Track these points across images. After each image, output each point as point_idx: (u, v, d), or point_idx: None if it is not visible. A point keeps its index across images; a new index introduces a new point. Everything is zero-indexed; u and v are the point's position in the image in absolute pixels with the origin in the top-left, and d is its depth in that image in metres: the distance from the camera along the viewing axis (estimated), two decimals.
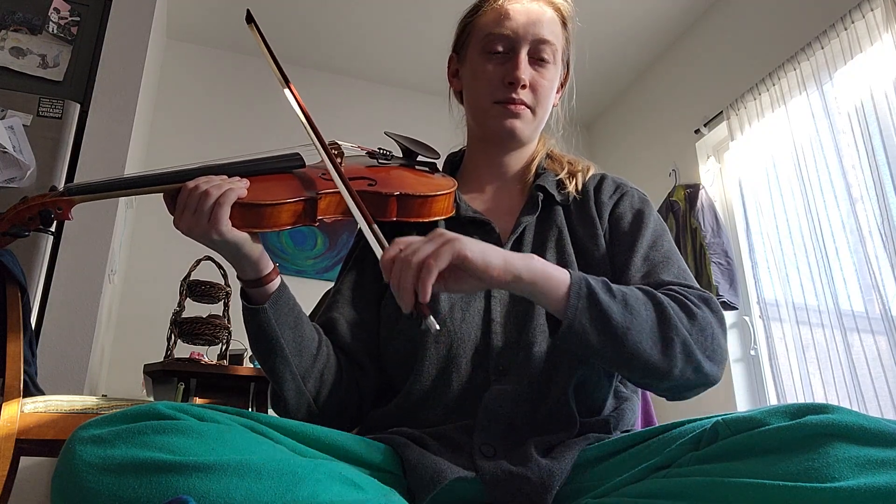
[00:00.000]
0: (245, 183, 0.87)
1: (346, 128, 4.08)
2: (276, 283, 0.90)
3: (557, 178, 1.06)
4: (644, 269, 0.95)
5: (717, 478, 0.61)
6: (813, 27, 3.00)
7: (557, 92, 1.12)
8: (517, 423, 0.86)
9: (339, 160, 0.99)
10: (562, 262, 0.97)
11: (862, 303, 2.71)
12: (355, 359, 0.97)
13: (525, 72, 1.01)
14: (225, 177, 0.87)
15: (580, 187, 1.06)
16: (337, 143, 1.02)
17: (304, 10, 3.86)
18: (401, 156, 1.10)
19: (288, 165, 0.97)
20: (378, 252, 0.80)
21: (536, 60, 1.03)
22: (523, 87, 1.02)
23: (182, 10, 3.79)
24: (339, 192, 0.91)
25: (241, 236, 0.85)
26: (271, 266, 0.91)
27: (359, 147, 1.09)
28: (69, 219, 0.86)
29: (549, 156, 1.12)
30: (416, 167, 1.09)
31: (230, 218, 0.84)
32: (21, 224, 0.84)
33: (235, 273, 0.91)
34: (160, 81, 3.92)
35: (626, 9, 3.77)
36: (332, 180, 0.93)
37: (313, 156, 1.07)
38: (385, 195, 0.94)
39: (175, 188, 0.87)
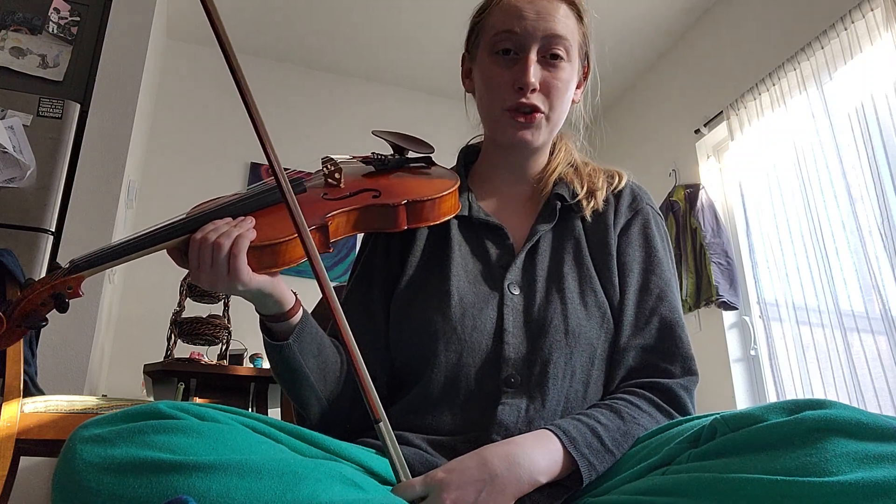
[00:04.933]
0: (251, 222, 0.84)
1: (347, 128, 4.10)
2: (299, 315, 0.87)
3: (577, 199, 1.01)
4: (633, 325, 0.93)
5: (717, 474, 0.61)
6: (813, 27, 3.00)
7: (579, 87, 1.07)
8: None
9: (337, 176, 0.95)
10: (581, 275, 0.95)
11: (862, 303, 2.71)
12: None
13: (535, 75, 0.96)
14: (229, 219, 0.84)
15: (600, 207, 1.01)
16: (331, 158, 0.99)
17: (303, 9, 3.86)
18: (394, 156, 1.06)
19: None
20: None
21: (548, 59, 0.98)
22: (533, 90, 0.97)
23: (182, 10, 3.79)
24: (345, 211, 0.88)
25: (263, 280, 0.83)
26: (293, 299, 0.88)
27: (352, 157, 1.05)
28: (80, 295, 0.81)
29: (571, 165, 1.07)
30: (413, 165, 1.05)
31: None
32: (35, 312, 0.79)
33: (255, 307, 0.87)
34: (160, 81, 3.92)
35: (626, 9, 3.77)
36: (335, 199, 0.90)
37: (314, 164, 1.02)
38: (393, 206, 0.91)
39: (182, 242, 0.83)
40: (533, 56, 0.97)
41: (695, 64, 3.85)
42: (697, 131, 3.64)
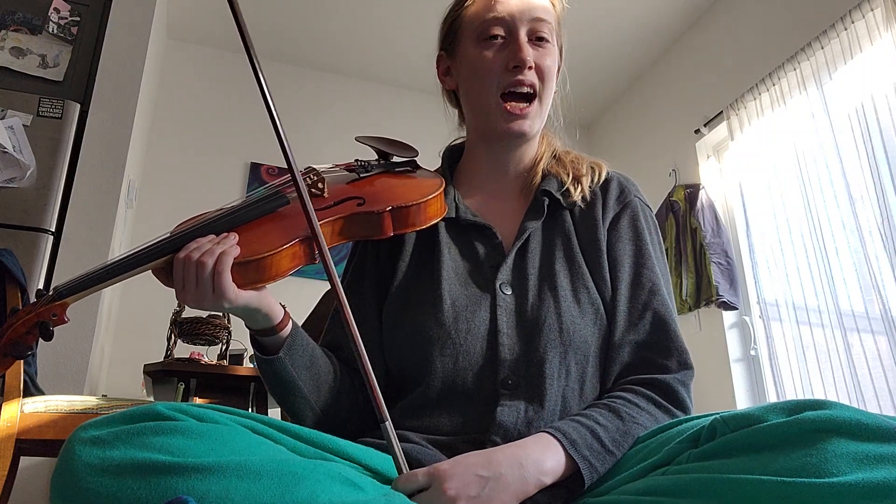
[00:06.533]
0: (234, 238, 0.83)
1: (334, 126, 4.09)
2: (289, 328, 0.87)
3: (564, 187, 1.01)
4: (627, 320, 0.93)
5: (716, 475, 0.61)
6: (813, 27, 3.00)
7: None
8: None
9: (320, 186, 0.94)
10: (572, 271, 0.95)
11: (862, 303, 2.71)
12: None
13: (529, 52, 0.97)
14: (213, 236, 0.83)
15: (587, 194, 1.01)
16: (313, 168, 0.98)
17: (300, 9, 3.85)
18: (378, 161, 1.06)
19: (272, 206, 0.91)
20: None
21: (536, 41, 0.99)
22: (529, 68, 0.97)
23: (182, 10, 3.79)
24: (330, 221, 0.88)
25: (250, 296, 0.82)
26: (282, 312, 0.87)
27: (335, 165, 1.04)
28: (65, 322, 0.80)
29: (554, 156, 1.07)
30: (397, 170, 1.04)
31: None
32: (20, 341, 0.79)
33: (244, 322, 0.87)
34: (160, 81, 3.92)
35: (626, 8, 3.77)
36: (319, 209, 0.89)
37: (302, 162, 1.02)
38: (378, 213, 0.91)
39: (166, 262, 0.83)
40: (523, 36, 0.98)
41: (695, 64, 3.85)
42: (697, 131, 3.64)
